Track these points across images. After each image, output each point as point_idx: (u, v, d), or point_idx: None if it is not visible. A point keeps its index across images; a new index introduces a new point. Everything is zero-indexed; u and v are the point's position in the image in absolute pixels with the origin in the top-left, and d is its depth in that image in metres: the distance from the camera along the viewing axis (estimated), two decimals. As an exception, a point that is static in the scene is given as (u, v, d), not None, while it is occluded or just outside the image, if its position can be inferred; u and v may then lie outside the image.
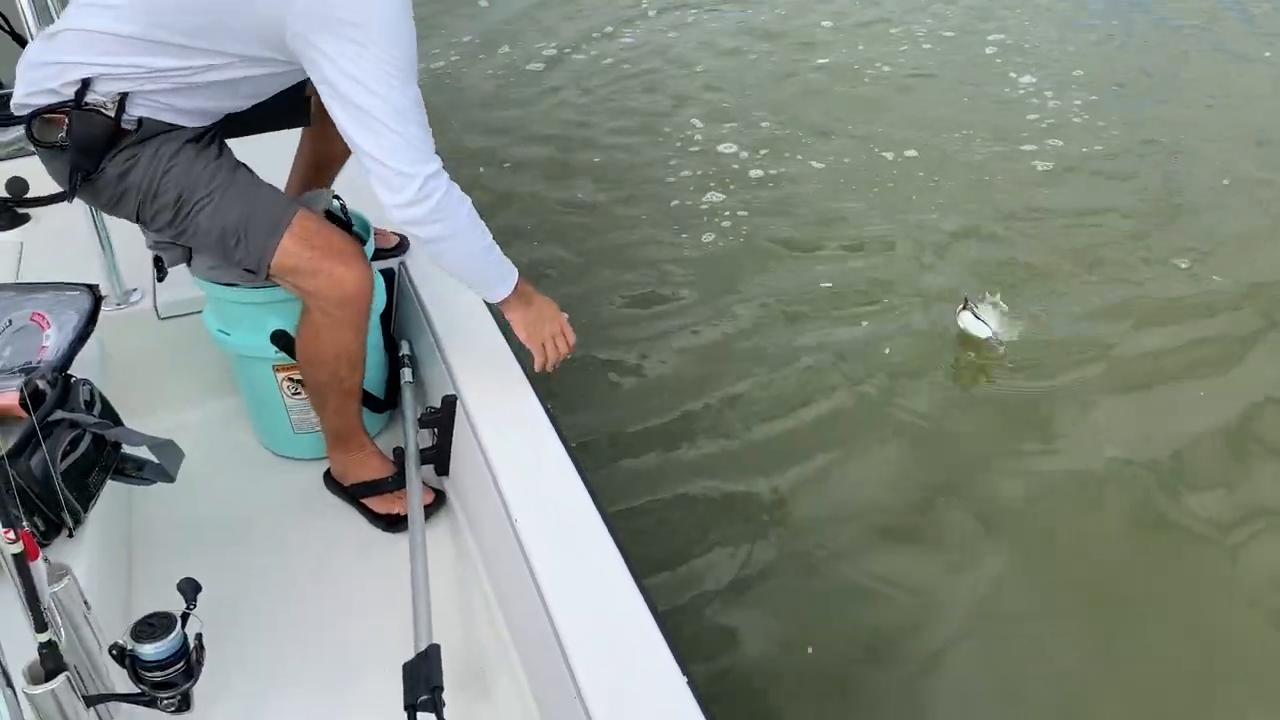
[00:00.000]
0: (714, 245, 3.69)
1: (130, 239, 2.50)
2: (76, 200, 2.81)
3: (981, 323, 3.02)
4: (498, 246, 1.89)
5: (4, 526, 1.04)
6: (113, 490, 1.80)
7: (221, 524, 2.12)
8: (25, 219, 2.73)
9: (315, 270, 1.86)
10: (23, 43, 2.62)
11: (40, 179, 2.85)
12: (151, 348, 2.33)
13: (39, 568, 1.11)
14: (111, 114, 1.75)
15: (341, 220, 2.12)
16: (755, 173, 4.15)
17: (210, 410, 2.38)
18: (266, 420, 2.28)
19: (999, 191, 3.97)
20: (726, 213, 3.88)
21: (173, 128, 1.82)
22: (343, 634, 1.87)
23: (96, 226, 2.30)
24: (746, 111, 4.65)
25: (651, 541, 2.49)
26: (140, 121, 1.78)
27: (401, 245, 2.46)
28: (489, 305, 2.21)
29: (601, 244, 3.73)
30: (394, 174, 1.70)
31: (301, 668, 1.80)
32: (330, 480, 2.18)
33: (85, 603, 1.28)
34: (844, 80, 4.97)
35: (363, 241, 2.04)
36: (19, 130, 2.02)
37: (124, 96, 1.76)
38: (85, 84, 1.74)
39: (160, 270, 2.05)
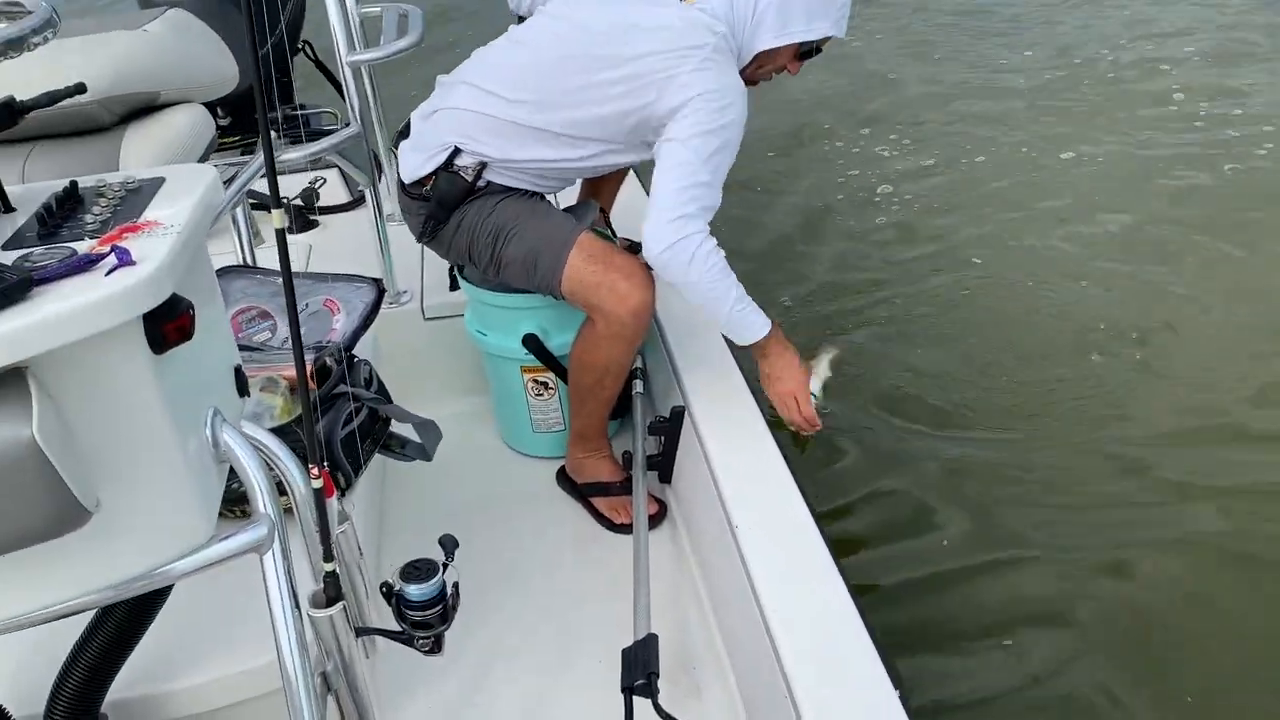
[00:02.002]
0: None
1: (406, 248, 2.78)
2: (359, 211, 3.15)
3: None
4: (748, 301, 2.01)
5: (310, 464, 1.21)
6: (371, 468, 2.01)
7: (462, 509, 2.30)
8: (315, 224, 3.08)
9: (599, 284, 2.01)
10: (329, 75, 2.98)
11: (329, 190, 3.21)
12: (416, 344, 2.56)
13: (332, 505, 1.27)
14: (470, 179, 2.03)
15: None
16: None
17: (461, 406, 2.59)
18: (509, 418, 2.47)
19: None
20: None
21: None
22: (568, 617, 1.99)
23: (379, 235, 2.56)
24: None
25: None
26: (489, 183, 2.06)
27: None
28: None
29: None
30: (663, 221, 1.88)
31: (530, 642, 1.94)
32: (563, 478, 2.33)
33: (359, 548, 1.45)
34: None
35: None
36: (316, 146, 2.32)
37: (483, 165, 2.03)
38: (456, 151, 2.03)
39: (454, 282, 2.36)
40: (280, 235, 1.19)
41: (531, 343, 2.25)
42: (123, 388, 1.04)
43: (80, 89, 1.37)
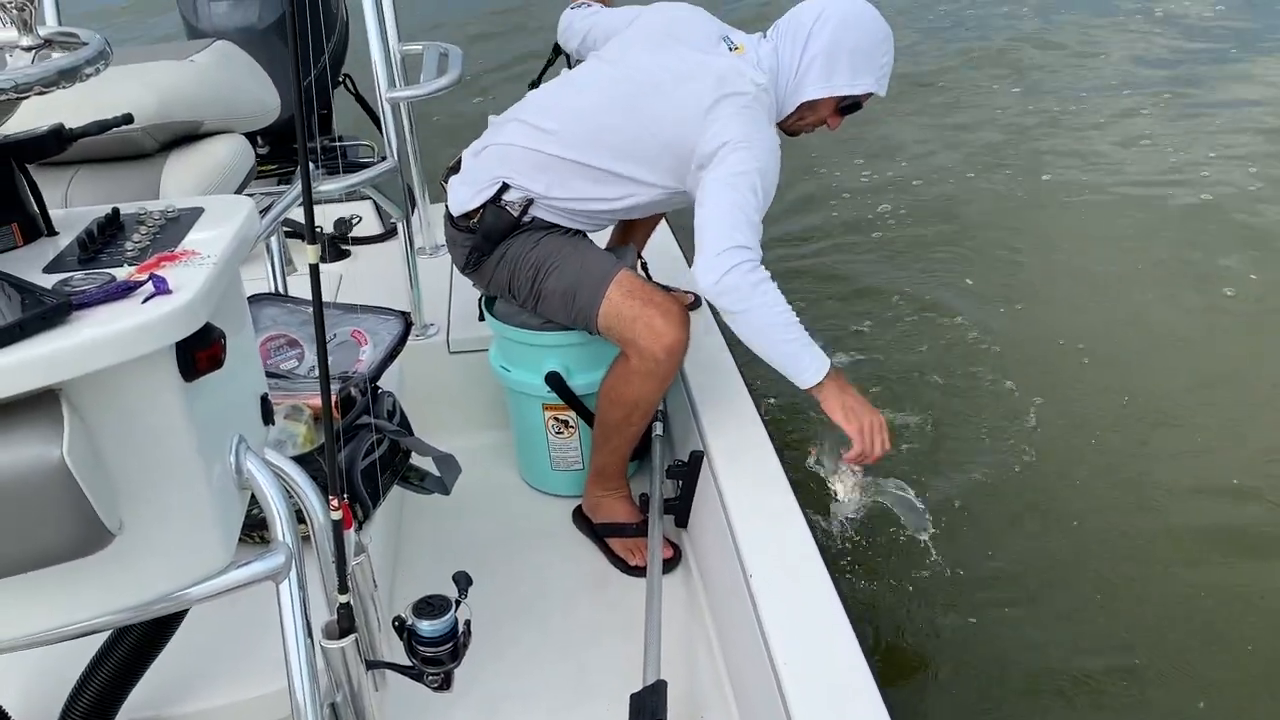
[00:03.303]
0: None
1: (435, 281, 2.82)
2: (390, 243, 3.20)
3: None
4: (806, 337, 1.96)
5: (330, 496, 1.22)
6: (388, 498, 2.02)
7: (477, 543, 2.30)
8: (347, 254, 3.12)
9: (635, 318, 2.02)
10: (368, 108, 3.04)
11: (362, 221, 3.25)
12: (440, 377, 2.59)
13: (350, 537, 1.29)
14: (515, 214, 2.08)
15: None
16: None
17: (481, 440, 2.60)
18: (529, 455, 2.48)
19: None
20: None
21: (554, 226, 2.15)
22: (578, 658, 1.98)
23: (409, 267, 2.59)
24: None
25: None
26: (534, 219, 2.10)
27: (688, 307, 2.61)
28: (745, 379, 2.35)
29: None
30: (712, 254, 1.89)
31: (538, 683, 1.93)
32: (579, 517, 2.33)
33: (374, 581, 1.46)
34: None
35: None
36: (352, 178, 2.37)
37: (529, 202, 2.08)
38: (504, 187, 2.09)
39: (482, 313, 2.38)
40: (314, 269, 1.21)
41: (554, 381, 2.26)
42: (152, 413, 1.06)
43: (128, 119, 1.41)
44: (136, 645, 1.36)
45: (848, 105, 2.14)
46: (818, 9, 2.09)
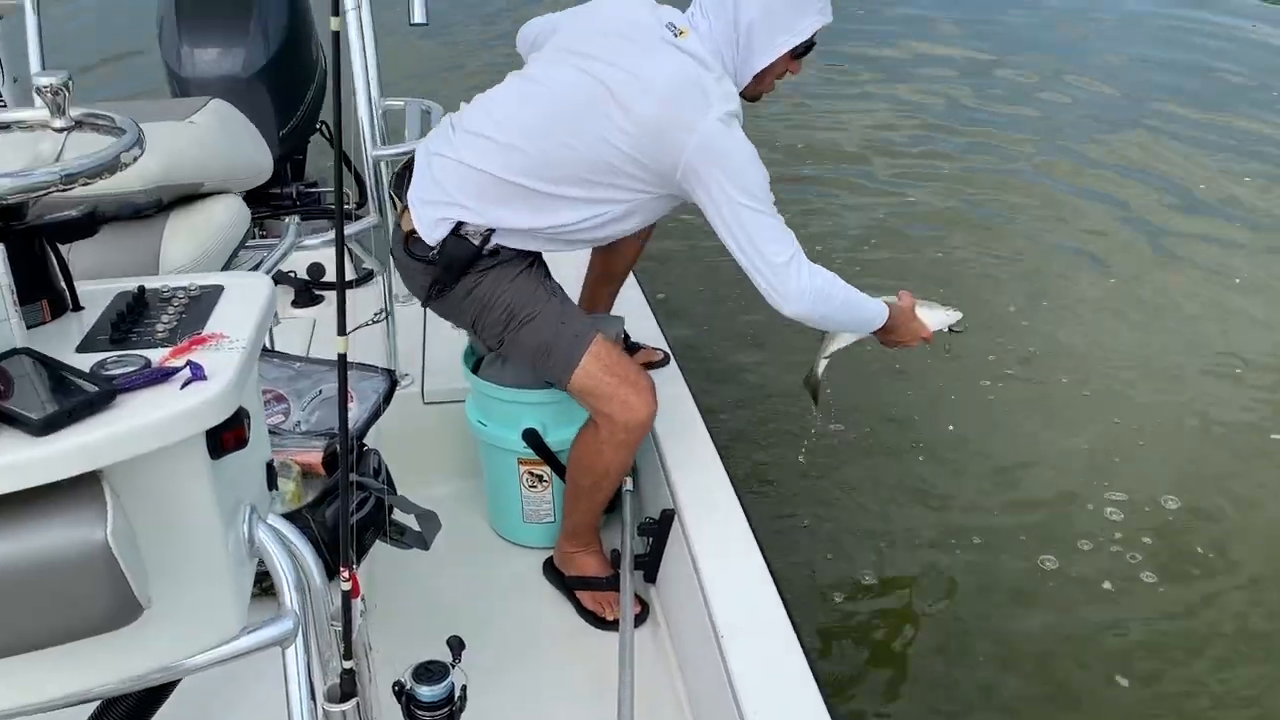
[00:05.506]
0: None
1: (409, 330, 2.86)
2: (364, 289, 3.23)
3: None
4: (862, 300, 2.14)
5: (341, 566, 1.27)
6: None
7: (448, 596, 2.34)
8: (320, 300, 3.16)
9: (611, 395, 2.08)
10: (348, 160, 3.08)
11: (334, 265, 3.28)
12: (413, 427, 2.63)
13: (357, 605, 1.34)
14: (477, 244, 2.06)
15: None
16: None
17: (449, 489, 2.64)
18: (501, 506, 2.53)
19: None
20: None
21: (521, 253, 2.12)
22: (552, 713, 2.04)
23: (388, 319, 2.64)
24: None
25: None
26: (499, 249, 2.08)
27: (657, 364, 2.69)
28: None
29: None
30: (773, 283, 2.00)
31: None
32: (550, 569, 2.39)
33: (369, 644, 1.51)
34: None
35: None
36: (320, 223, 2.42)
37: (491, 232, 2.06)
38: (460, 223, 2.05)
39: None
40: (341, 359, 1.27)
41: (531, 437, 2.32)
42: (182, 491, 1.12)
43: (158, 204, 1.45)
44: (132, 710, 1.39)
45: (801, 50, 2.08)
46: None
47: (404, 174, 2.18)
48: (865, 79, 6.92)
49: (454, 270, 2.07)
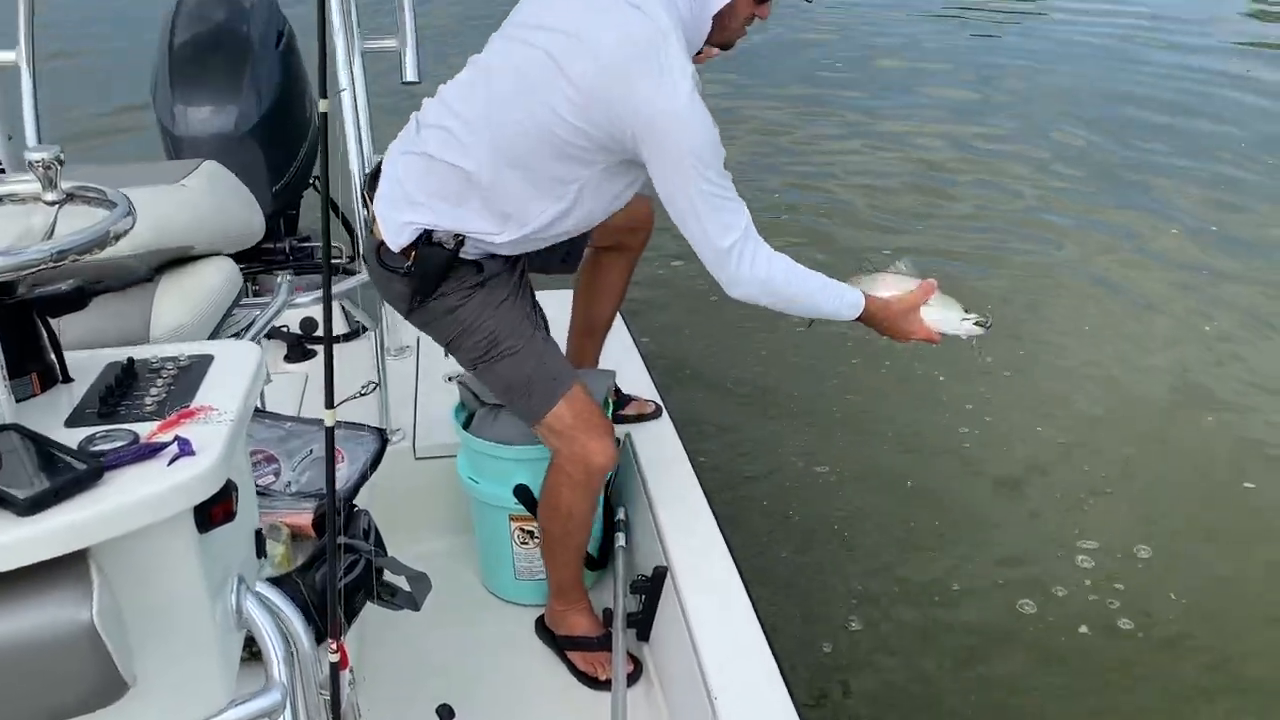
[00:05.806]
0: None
1: (400, 383, 2.87)
2: (355, 343, 3.24)
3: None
4: (828, 285, 2.03)
5: (330, 639, 1.27)
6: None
7: (439, 655, 2.32)
8: (313, 354, 3.16)
9: (573, 438, 2.09)
10: (341, 216, 3.10)
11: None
12: (404, 483, 2.61)
13: (345, 676, 1.33)
14: (451, 248, 1.99)
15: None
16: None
17: (444, 545, 2.63)
18: (493, 563, 2.52)
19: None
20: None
21: (495, 257, 2.06)
22: None
23: (380, 374, 2.64)
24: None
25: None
26: (479, 263, 2.04)
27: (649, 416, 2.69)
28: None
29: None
30: (715, 267, 1.93)
31: None
32: (541, 628, 2.37)
33: (358, 712, 1.50)
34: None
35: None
36: (313, 278, 2.42)
37: (462, 238, 1.99)
38: (428, 232, 1.98)
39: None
40: (329, 433, 1.27)
41: (523, 494, 2.32)
42: (169, 566, 1.11)
43: (149, 277, 1.46)
44: None
45: None
46: None
47: (375, 177, 2.13)
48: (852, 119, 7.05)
49: (431, 279, 2.02)
